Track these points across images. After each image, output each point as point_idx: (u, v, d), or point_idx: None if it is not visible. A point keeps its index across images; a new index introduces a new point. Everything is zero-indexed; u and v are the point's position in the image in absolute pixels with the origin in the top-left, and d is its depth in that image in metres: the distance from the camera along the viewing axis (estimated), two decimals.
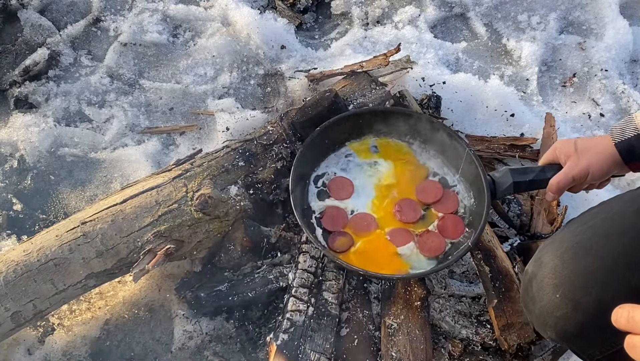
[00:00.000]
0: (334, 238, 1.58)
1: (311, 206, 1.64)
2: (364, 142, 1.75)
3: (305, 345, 1.46)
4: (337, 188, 1.66)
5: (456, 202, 1.64)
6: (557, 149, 1.40)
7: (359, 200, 1.65)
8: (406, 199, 1.64)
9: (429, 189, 1.66)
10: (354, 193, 1.66)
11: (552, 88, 2.23)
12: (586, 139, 1.37)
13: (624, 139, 1.28)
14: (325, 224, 1.61)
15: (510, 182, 1.47)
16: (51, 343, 1.60)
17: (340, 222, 1.61)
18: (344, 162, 1.72)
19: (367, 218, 1.61)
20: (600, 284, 1.14)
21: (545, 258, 1.23)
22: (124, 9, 2.31)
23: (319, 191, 1.67)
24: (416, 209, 1.63)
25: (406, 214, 1.62)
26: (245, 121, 1.95)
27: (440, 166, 1.70)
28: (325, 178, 1.69)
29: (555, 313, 1.18)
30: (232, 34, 2.22)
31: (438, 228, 1.60)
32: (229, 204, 1.60)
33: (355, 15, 2.36)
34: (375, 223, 1.61)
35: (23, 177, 1.90)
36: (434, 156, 1.72)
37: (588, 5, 2.38)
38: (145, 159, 1.92)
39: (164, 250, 1.50)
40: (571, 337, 1.19)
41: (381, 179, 1.68)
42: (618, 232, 1.19)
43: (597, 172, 1.33)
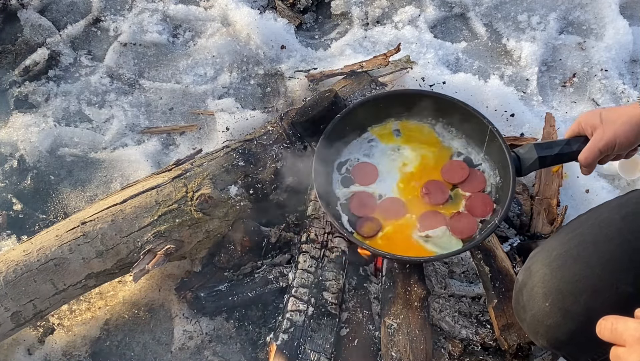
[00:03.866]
0: (361, 223, 1.56)
1: (335, 193, 1.62)
2: (385, 126, 1.73)
3: (305, 345, 1.46)
4: (361, 173, 1.64)
5: (483, 180, 1.62)
6: (582, 122, 1.38)
7: (385, 184, 1.63)
8: (433, 180, 1.62)
9: (455, 169, 1.64)
10: (378, 177, 1.64)
11: (552, 88, 2.23)
12: (611, 109, 1.35)
13: None
14: (354, 209, 1.59)
15: (535, 157, 1.45)
16: (51, 343, 1.60)
17: (370, 207, 1.59)
18: (366, 148, 1.70)
19: (396, 202, 1.59)
20: (588, 292, 1.14)
21: (534, 267, 1.23)
22: (124, 9, 2.31)
23: (342, 178, 1.65)
24: (444, 190, 1.61)
25: (434, 196, 1.59)
26: (245, 121, 1.95)
27: (464, 146, 1.69)
28: (348, 165, 1.67)
29: (546, 321, 1.18)
30: (232, 34, 2.22)
31: (467, 208, 1.59)
32: (229, 204, 1.60)
33: (355, 15, 2.36)
34: (404, 207, 1.59)
35: (23, 177, 1.90)
36: (457, 136, 1.70)
37: (588, 5, 2.38)
38: (145, 159, 1.92)
39: (164, 250, 1.50)
40: (563, 345, 1.19)
41: (405, 162, 1.66)
42: (605, 239, 1.19)
43: (624, 142, 1.30)
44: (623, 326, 0.82)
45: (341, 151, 1.69)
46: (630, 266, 1.14)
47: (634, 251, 1.15)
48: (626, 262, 1.15)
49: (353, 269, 1.64)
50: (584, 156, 1.36)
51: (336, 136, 1.66)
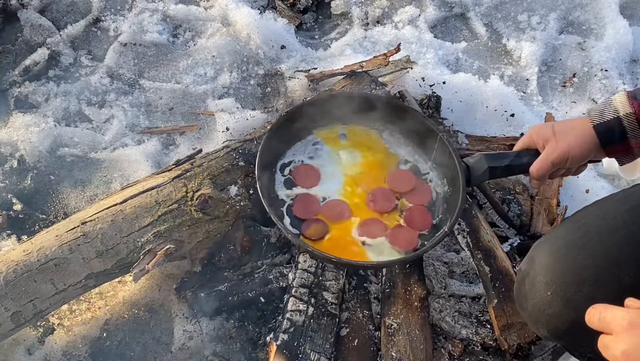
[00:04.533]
0: (307, 225, 1.54)
1: (278, 195, 1.60)
2: (332, 130, 1.70)
3: (305, 345, 1.46)
4: (302, 175, 1.61)
5: (429, 193, 1.59)
6: (533, 134, 1.37)
7: (329, 187, 1.60)
8: (380, 188, 1.60)
9: (402, 179, 1.61)
10: (321, 180, 1.60)
11: (552, 88, 2.23)
12: (563, 122, 1.34)
13: (602, 122, 1.25)
14: (297, 211, 1.56)
15: (486, 167, 1.43)
16: (51, 343, 1.60)
17: (313, 209, 1.56)
18: (311, 150, 1.67)
19: (340, 205, 1.57)
20: (591, 282, 1.15)
21: (537, 256, 1.23)
22: (124, 9, 2.31)
23: (285, 180, 1.62)
24: (390, 199, 1.58)
25: (380, 204, 1.57)
26: (245, 121, 1.95)
27: (411, 154, 1.66)
28: (291, 166, 1.64)
29: (547, 310, 1.18)
30: (232, 34, 2.22)
31: (405, 220, 1.56)
32: (229, 204, 1.60)
33: (355, 15, 2.36)
34: (349, 210, 1.56)
35: (23, 178, 1.90)
36: (404, 143, 1.67)
37: (588, 5, 2.38)
38: (145, 159, 1.92)
39: (164, 250, 1.50)
40: (563, 334, 1.20)
41: (351, 167, 1.63)
42: (610, 230, 1.19)
43: (576, 156, 1.30)
44: (611, 314, 0.83)
45: (285, 152, 1.66)
46: (633, 257, 1.15)
47: (638, 243, 1.15)
48: (630, 254, 1.15)
49: (353, 269, 1.64)
50: (536, 167, 1.35)
51: (281, 136, 1.63)
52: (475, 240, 1.65)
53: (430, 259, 1.72)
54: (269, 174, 1.61)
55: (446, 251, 1.75)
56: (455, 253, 1.74)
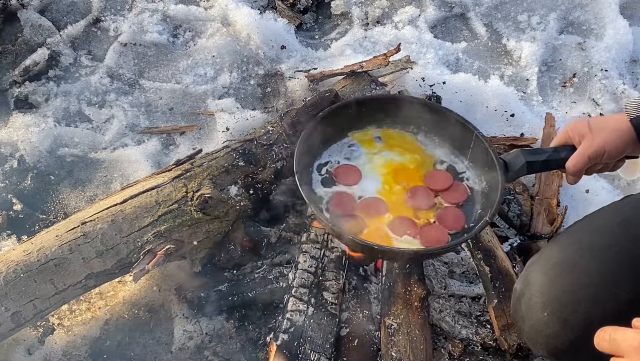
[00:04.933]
0: (345, 221, 1.54)
1: (316, 193, 1.60)
2: (366, 132, 1.71)
3: (305, 345, 1.46)
4: (344, 174, 1.63)
5: (465, 193, 1.60)
6: (570, 130, 1.36)
7: (367, 186, 1.61)
8: (419, 186, 1.61)
9: (438, 178, 1.62)
10: (361, 179, 1.62)
11: (552, 88, 2.23)
12: (600, 118, 1.34)
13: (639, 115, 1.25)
14: (334, 208, 1.57)
15: (524, 162, 1.43)
16: (51, 343, 1.60)
17: (349, 206, 1.57)
18: (347, 152, 1.68)
19: (376, 201, 1.58)
20: (587, 301, 1.14)
21: (532, 276, 1.22)
22: (124, 9, 2.31)
23: (323, 179, 1.63)
24: (429, 197, 1.59)
25: (419, 201, 1.58)
26: (245, 121, 1.95)
27: (447, 154, 1.67)
28: (328, 166, 1.65)
29: (545, 331, 1.17)
30: (232, 34, 2.22)
31: (437, 218, 1.57)
32: (229, 204, 1.60)
33: (355, 16, 2.36)
34: (385, 207, 1.57)
35: (23, 177, 1.90)
36: (439, 144, 1.68)
37: (588, 5, 2.38)
38: (145, 159, 1.91)
39: (164, 250, 1.50)
40: (562, 354, 1.19)
41: (387, 167, 1.65)
42: (602, 246, 1.18)
43: (612, 151, 1.29)
44: (621, 336, 0.81)
45: (321, 153, 1.67)
46: (628, 273, 1.14)
47: (632, 258, 1.15)
48: (624, 269, 1.14)
49: (353, 269, 1.64)
50: (573, 163, 1.34)
51: (317, 137, 1.64)
52: (475, 240, 1.65)
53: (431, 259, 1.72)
54: (306, 173, 1.61)
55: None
56: (455, 253, 1.74)
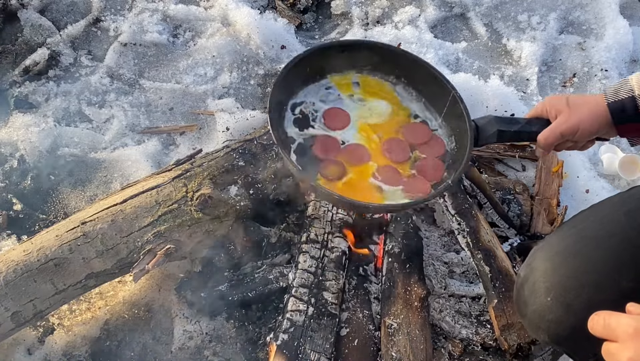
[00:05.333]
0: (326, 165, 1.53)
1: (287, 132, 1.58)
2: (345, 76, 1.68)
3: (305, 345, 1.46)
4: (333, 117, 1.61)
5: (443, 146, 1.59)
6: (547, 104, 1.37)
7: (347, 131, 1.60)
8: (395, 138, 1.60)
9: (417, 131, 1.61)
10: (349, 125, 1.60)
11: (552, 88, 2.23)
12: (578, 96, 1.34)
13: (617, 100, 1.27)
14: (317, 152, 1.56)
15: (495, 130, 1.44)
16: (51, 343, 1.60)
17: (333, 151, 1.56)
18: (323, 94, 1.65)
19: (360, 148, 1.57)
20: (590, 287, 1.15)
21: (536, 262, 1.23)
22: (124, 9, 2.31)
23: (295, 119, 1.61)
24: (405, 150, 1.58)
25: (396, 154, 1.57)
26: (245, 121, 1.95)
27: (422, 110, 1.65)
28: (303, 107, 1.63)
29: (547, 316, 1.18)
30: (232, 34, 2.22)
31: (417, 169, 1.56)
32: (229, 204, 1.60)
33: (355, 15, 2.36)
34: (368, 155, 1.56)
35: (23, 178, 1.90)
36: (416, 98, 1.66)
37: (588, 5, 2.38)
38: (145, 159, 1.91)
39: (164, 250, 1.50)
40: (564, 340, 1.19)
41: (363, 114, 1.63)
42: (607, 235, 1.19)
43: (586, 130, 1.31)
44: (616, 322, 0.82)
45: (297, 93, 1.64)
46: (632, 261, 1.14)
47: (636, 247, 1.15)
48: (628, 258, 1.15)
49: (353, 269, 1.64)
50: (544, 136, 1.35)
51: (296, 76, 1.61)
52: (475, 240, 1.65)
53: (431, 259, 1.72)
54: (279, 112, 1.59)
55: (446, 251, 1.76)
56: (455, 253, 1.74)
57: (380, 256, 1.66)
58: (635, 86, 1.25)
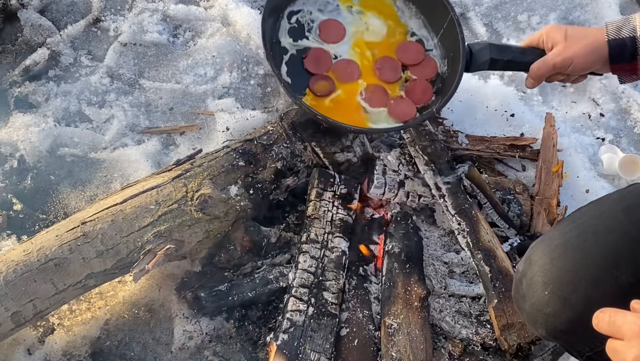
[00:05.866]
0: (315, 80, 1.52)
1: (281, 42, 1.55)
2: None
3: (305, 345, 1.46)
4: (329, 30, 1.58)
5: (435, 68, 1.58)
6: (544, 33, 1.36)
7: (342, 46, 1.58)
8: (387, 57, 1.58)
9: (410, 51, 1.59)
10: (344, 39, 1.58)
11: (552, 88, 2.23)
12: (578, 28, 1.34)
13: (618, 38, 1.26)
14: (308, 65, 1.54)
15: (488, 58, 1.43)
16: (51, 343, 1.60)
17: (324, 65, 1.54)
18: (322, 3, 1.62)
19: (351, 65, 1.55)
20: (588, 282, 1.15)
21: (534, 256, 1.23)
22: (124, 9, 2.31)
23: (290, 28, 1.58)
24: (396, 70, 1.57)
25: (386, 74, 1.56)
26: (245, 121, 1.95)
27: (420, 27, 1.63)
28: (299, 15, 1.60)
29: (545, 310, 1.18)
30: (232, 34, 2.22)
31: (406, 91, 1.55)
32: (229, 204, 1.60)
33: None
34: (358, 72, 1.55)
35: (23, 178, 1.90)
36: (415, 15, 1.64)
37: (588, 5, 2.38)
38: (145, 159, 1.91)
39: (164, 250, 1.50)
40: (561, 334, 1.20)
41: (359, 28, 1.61)
42: (606, 230, 1.19)
43: (579, 64, 1.31)
44: (622, 319, 0.82)
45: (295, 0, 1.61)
46: (630, 257, 1.15)
47: (635, 242, 1.16)
48: (627, 253, 1.15)
49: (353, 269, 1.64)
50: (537, 66, 1.35)
51: None
52: (475, 240, 1.65)
53: (431, 259, 1.72)
54: (274, 19, 1.55)
55: (446, 251, 1.76)
56: (455, 253, 1.74)
57: (380, 256, 1.66)
58: (638, 26, 1.24)
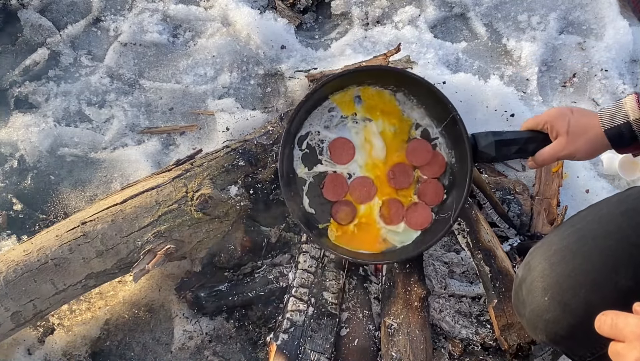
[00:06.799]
0: (337, 208, 1.54)
1: (297, 173, 1.57)
2: (347, 92, 1.66)
3: (305, 345, 1.46)
4: (339, 150, 1.59)
5: (443, 165, 1.60)
6: (549, 121, 1.40)
7: (354, 165, 1.60)
8: (398, 164, 1.60)
9: (420, 151, 1.61)
10: (355, 155, 1.60)
11: (552, 88, 2.23)
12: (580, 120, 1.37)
13: (613, 126, 1.30)
14: (327, 195, 1.56)
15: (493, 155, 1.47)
16: (51, 343, 1.60)
17: (341, 190, 1.56)
18: (327, 118, 1.64)
19: (366, 183, 1.57)
20: (588, 286, 1.15)
21: (534, 262, 1.23)
22: (124, 9, 2.31)
23: (303, 155, 1.59)
24: (409, 174, 1.59)
25: (400, 181, 1.58)
26: (245, 121, 1.95)
27: (423, 117, 1.64)
28: (309, 139, 1.60)
29: (545, 315, 1.18)
30: (232, 34, 2.22)
31: (418, 194, 1.58)
32: (229, 204, 1.60)
33: (355, 15, 2.36)
34: (374, 188, 1.57)
35: (23, 178, 1.90)
36: (417, 105, 1.65)
37: (588, 5, 2.38)
38: (145, 159, 1.92)
39: (164, 250, 1.50)
40: (561, 339, 1.19)
41: (367, 136, 1.62)
42: (605, 234, 1.19)
43: (582, 157, 1.38)
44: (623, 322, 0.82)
45: (302, 124, 1.61)
46: (629, 260, 1.15)
47: (634, 246, 1.16)
48: (626, 257, 1.15)
49: (353, 269, 1.64)
50: (543, 158, 1.41)
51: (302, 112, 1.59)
52: (475, 240, 1.65)
53: (431, 259, 1.72)
54: (289, 150, 1.56)
55: (446, 251, 1.76)
56: (455, 253, 1.75)
57: None
58: (630, 111, 1.28)
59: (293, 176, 1.57)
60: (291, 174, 1.56)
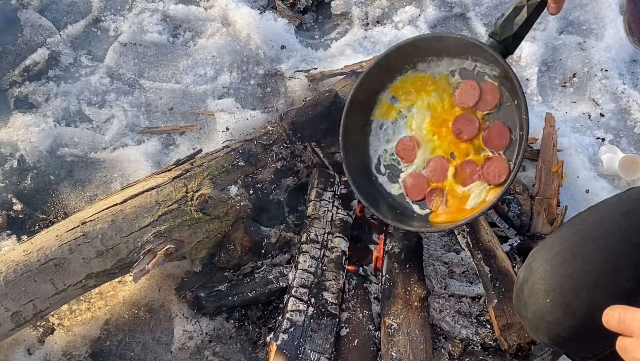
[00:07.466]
0: (429, 201, 1.55)
1: (392, 194, 1.60)
2: (382, 103, 1.65)
3: (305, 345, 1.46)
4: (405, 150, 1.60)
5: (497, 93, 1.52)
6: None
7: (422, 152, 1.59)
8: (458, 116, 1.55)
9: (466, 92, 1.55)
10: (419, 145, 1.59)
11: (552, 88, 2.23)
12: None
13: None
14: (412, 195, 1.57)
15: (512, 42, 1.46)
16: (51, 343, 1.60)
17: (423, 184, 1.57)
18: (383, 134, 1.64)
19: (439, 162, 1.56)
20: (589, 288, 1.14)
21: (535, 264, 1.23)
22: (124, 9, 2.31)
23: (388, 175, 1.62)
24: (472, 120, 1.53)
25: (468, 130, 1.53)
26: (245, 121, 1.95)
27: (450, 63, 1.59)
28: (383, 161, 1.63)
29: (547, 317, 1.18)
30: (232, 34, 2.22)
31: (484, 140, 1.52)
32: (229, 204, 1.60)
33: (355, 15, 2.36)
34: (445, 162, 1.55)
35: (23, 178, 1.90)
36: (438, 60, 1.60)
37: (588, 5, 2.38)
38: (145, 159, 1.92)
39: (164, 250, 1.50)
40: (564, 341, 1.19)
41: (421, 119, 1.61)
42: (606, 235, 1.19)
43: None
44: (631, 316, 0.82)
45: (367, 154, 1.65)
46: (631, 261, 1.15)
47: (635, 246, 1.15)
48: (627, 257, 1.15)
49: (353, 269, 1.64)
50: None
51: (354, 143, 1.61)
52: (475, 240, 1.65)
53: (431, 259, 1.72)
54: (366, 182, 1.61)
55: (446, 251, 1.76)
56: (455, 253, 1.74)
57: (380, 256, 1.66)
58: None
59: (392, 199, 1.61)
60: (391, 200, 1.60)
